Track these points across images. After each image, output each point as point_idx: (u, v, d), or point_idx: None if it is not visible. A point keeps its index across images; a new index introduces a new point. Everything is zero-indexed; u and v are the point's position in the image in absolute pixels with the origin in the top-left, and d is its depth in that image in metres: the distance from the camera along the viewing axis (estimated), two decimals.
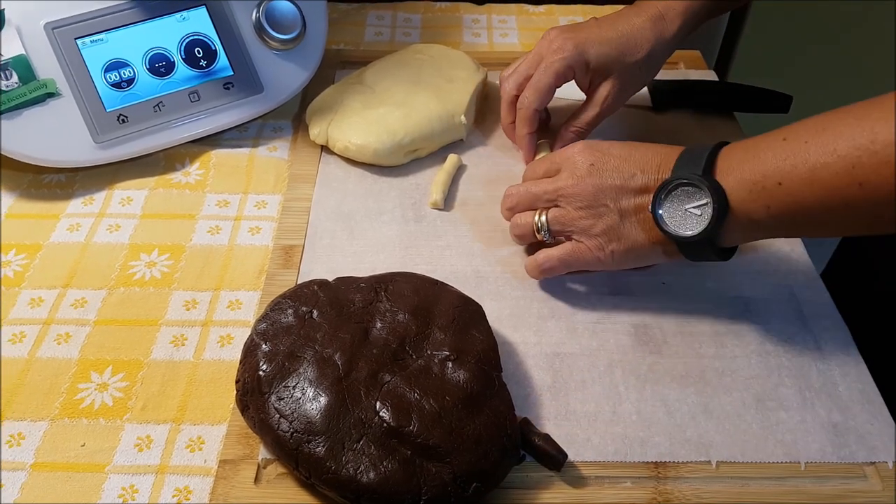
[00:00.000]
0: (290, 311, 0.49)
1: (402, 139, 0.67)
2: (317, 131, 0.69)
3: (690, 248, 0.50)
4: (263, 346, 0.47)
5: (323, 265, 0.60)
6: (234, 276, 0.59)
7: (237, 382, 0.47)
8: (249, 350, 0.48)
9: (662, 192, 0.50)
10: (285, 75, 0.72)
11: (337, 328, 0.48)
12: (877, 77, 1.33)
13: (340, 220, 0.64)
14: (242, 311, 0.57)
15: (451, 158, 0.68)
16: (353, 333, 0.48)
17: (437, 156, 0.70)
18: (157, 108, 0.67)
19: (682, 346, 0.55)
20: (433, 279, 0.53)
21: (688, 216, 0.49)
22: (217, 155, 0.69)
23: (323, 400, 0.44)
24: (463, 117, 0.69)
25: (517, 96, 0.66)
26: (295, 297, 0.50)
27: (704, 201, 0.48)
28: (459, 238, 0.63)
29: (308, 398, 0.44)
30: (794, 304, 0.58)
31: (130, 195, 0.66)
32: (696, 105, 0.76)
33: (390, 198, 0.66)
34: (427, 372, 0.46)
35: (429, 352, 0.48)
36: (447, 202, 0.66)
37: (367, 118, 0.68)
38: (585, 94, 0.66)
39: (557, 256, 0.55)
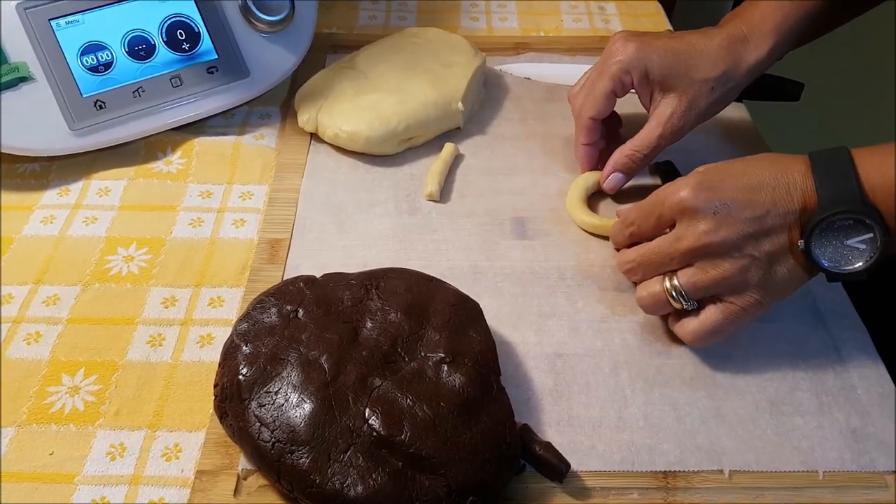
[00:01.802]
0: (273, 309, 0.46)
1: (396, 127, 0.63)
2: (306, 118, 0.65)
3: (843, 277, 0.46)
4: (244, 347, 0.44)
5: (311, 260, 0.56)
6: (216, 272, 0.56)
7: (215, 387, 0.44)
8: (229, 352, 0.45)
9: (817, 228, 0.44)
10: (273, 59, 0.68)
11: (324, 328, 0.45)
12: (886, 63, 1.30)
13: (330, 213, 0.60)
14: (224, 308, 0.53)
15: (448, 147, 0.65)
16: (342, 334, 0.45)
17: (433, 145, 0.67)
18: (136, 93, 0.64)
19: (691, 347, 0.52)
20: (428, 275, 0.50)
21: (848, 250, 0.45)
22: (200, 143, 0.66)
23: (307, 407, 0.41)
24: (460, 104, 0.66)
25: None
26: (279, 295, 0.47)
27: (869, 235, 0.44)
28: (456, 232, 0.59)
29: (291, 405, 0.41)
30: (810, 302, 0.55)
31: (108, 185, 0.63)
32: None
33: (383, 189, 0.63)
34: (420, 376, 0.43)
35: (422, 354, 0.44)
36: (443, 194, 0.63)
37: (359, 104, 0.64)
38: (648, 112, 0.59)
39: (711, 328, 0.48)
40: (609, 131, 0.63)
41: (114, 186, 0.63)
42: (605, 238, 0.59)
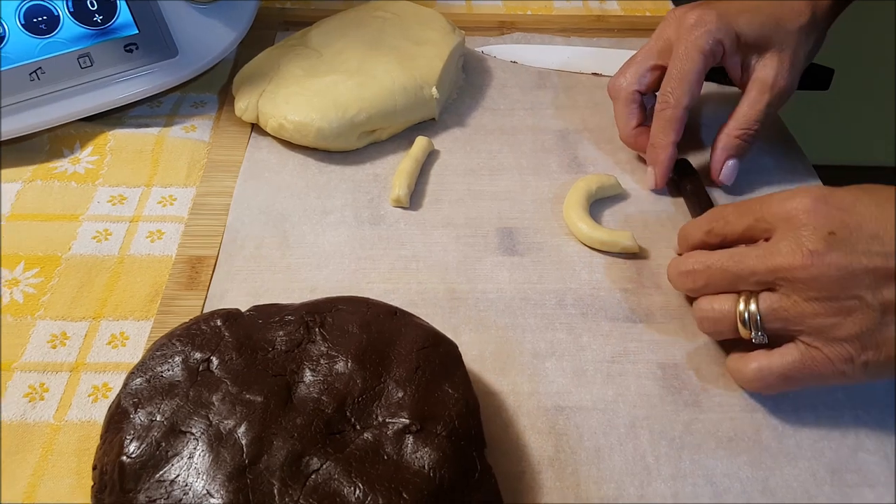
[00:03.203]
0: (177, 359, 0.34)
1: (356, 116, 0.52)
2: (244, 105, 0.54)
3: None
4: (133, 414, 0.32)
5: (242, 285, 0.45)
6: (121, 300, 0.44)
7: (94, 469, 0.32)
8: (113, 420, 0.33)
9: None
10: (206, 36, 0.57)
11: (244, 386, 0.33)
12: None
13: (270, 223, 0.49)
14: (128, 349, 0.42)
15: (420, 142, 0.54)
16: (269, 394, 0.33)
17: (402, 139, 0.56)
18: (34, 75, 0.53)
19: (726, 395, 0.41)
20: (391, 307, 0.39)
21: None
22: (116, 136, 0.54)
23: (214, 503, 0.29)
24: (434, 90, 0.55)
25: (640, 93, 0.53)
26: (186, 338, 0.35)
27: None
28: (429, 246, 0.48)
29: (192, 499, 0.29)
30: None
31: None
32: (720, 78, 0.62)
33: (339, 193, 0.52)
34: (376, 453, 0.32)
35: (380, 419, 0.33)
36: (414, 199, 0.52)
37: (309, 88, 0.53)
38: (738, 83, 0.53)
39: (779, 371, 0.39)
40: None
41: (5, 190, 0.51)
42: (613, 255, 0.48)
